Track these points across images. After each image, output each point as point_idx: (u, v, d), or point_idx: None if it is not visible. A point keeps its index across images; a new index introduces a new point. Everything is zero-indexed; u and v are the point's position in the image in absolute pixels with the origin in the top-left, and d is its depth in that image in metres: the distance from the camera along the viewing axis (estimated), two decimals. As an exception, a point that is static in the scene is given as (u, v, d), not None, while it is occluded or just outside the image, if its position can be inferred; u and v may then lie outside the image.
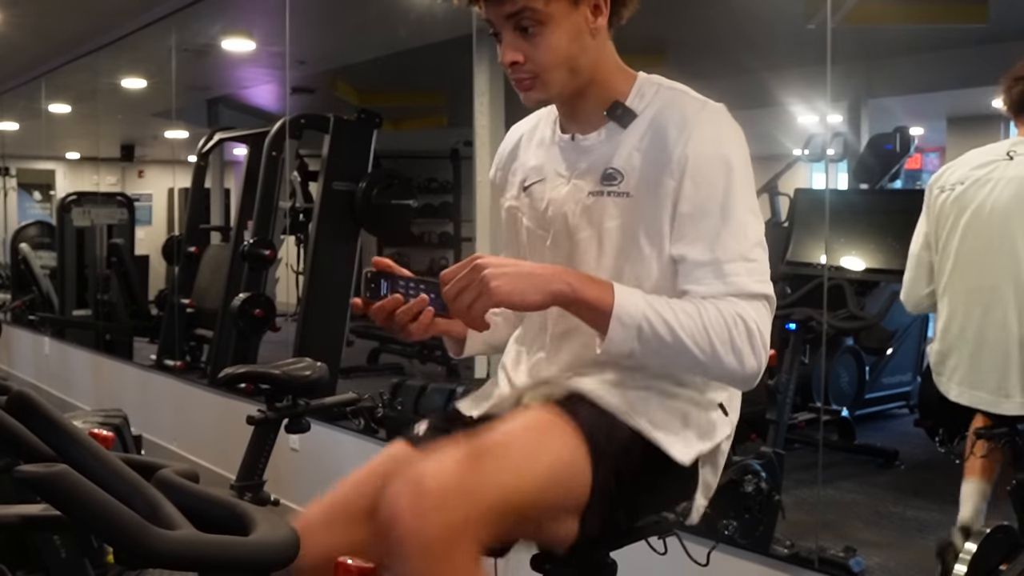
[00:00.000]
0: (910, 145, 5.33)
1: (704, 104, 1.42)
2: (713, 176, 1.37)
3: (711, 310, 1.31)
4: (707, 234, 1.36)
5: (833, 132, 5.55)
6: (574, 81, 1.43)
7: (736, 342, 1.30)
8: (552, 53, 1.39)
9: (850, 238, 3.95)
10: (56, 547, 1.28)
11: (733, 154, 1.39)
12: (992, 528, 2.60)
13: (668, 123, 1.39)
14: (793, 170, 6.29)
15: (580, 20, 1.39)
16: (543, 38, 1.38)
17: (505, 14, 1.38)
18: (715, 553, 1.61)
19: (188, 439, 5.23)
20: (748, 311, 1.32)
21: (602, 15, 1.41)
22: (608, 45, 1.46)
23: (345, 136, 5.07)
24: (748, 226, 1.37)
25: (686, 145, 1.37)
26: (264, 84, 7.41)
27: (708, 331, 1.30)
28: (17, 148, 10.55)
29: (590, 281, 1.32)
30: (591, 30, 1.41)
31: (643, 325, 1.28)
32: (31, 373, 7.78)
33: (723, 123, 1.42)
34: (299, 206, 5.27)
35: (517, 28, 1.38)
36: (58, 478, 0.99)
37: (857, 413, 5.23)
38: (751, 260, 1.36)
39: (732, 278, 1.33)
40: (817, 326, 3.55)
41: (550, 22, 1.37)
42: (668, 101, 1.43)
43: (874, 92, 6.61)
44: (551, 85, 1.42)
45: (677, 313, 1.30)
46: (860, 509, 4.14)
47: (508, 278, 1.27)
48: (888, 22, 5.35)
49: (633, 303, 1.30)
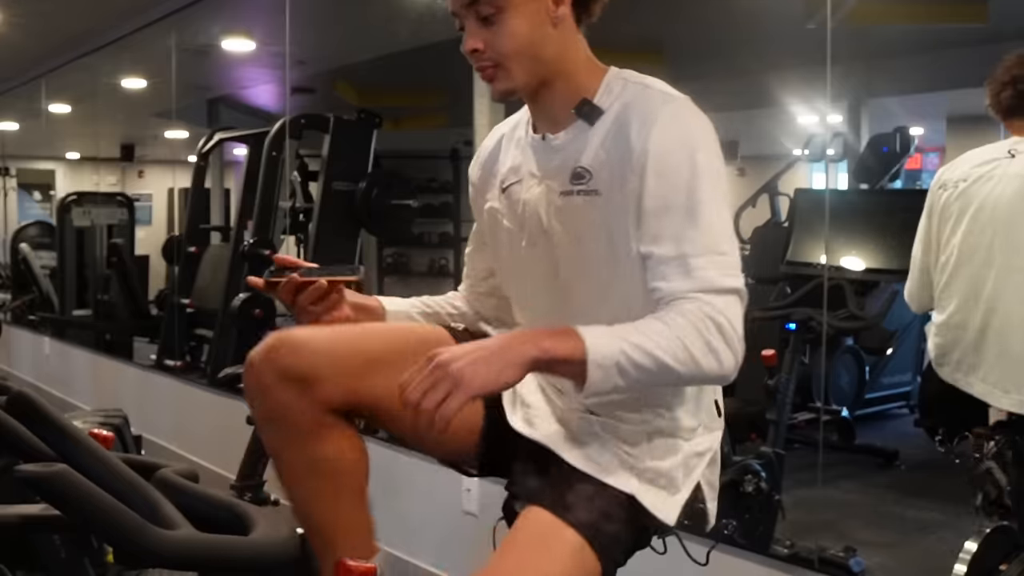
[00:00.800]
0: (910, 145, 5.34)
1: (668, 97, 1.41)
2: (676, 170, 1.35)
3: (679, 321, 1.29)
4: (672, 229, 1.34)
5: (833, 132, 5.56)
6: (537, 71, 1.42)
7: (712, 344, 1.29)
8: (511, 40, 1.39)
9: (850, 238, 3.96)
10: (56, 547, 1.28)
11: (698, 146, 1.37)
12: (992, 528, 2.60)
13: (631, 118, 1.39)
14: (793, 170, 6.30)
15: (540, 8, 1.39)
16: (502, 25, 1.38)
17: (465, 2, 1.39)
18: (715, 553, 1.61)
19: (188, 439, 5.23)
20: (717, 307, 1.30)
21: (563, 4, 1.41)
22: (576, 39, 1.46)
23: (345, 136, 5.07)
24: (715, 219, 1.35)
25: (647, 140, 1.36)
26: (264, 84, 7.40)
27: (683, 343, 1.28)
28: (17, 148, 10.56)
29: (557, 335, 1.28)
30: (552, 19, 1.40)
31: (621, 360, 1.26)
32: (31, 373, 7.77)
33: (688, 115, 1.40)
34: (299, 206, 5.27)
35: (478, 17, 1.39)
36: (57, 478, 0.99)
37: (857, 413, 5.23)
38: (720, 254, 1.34)
39: (699, 273, 1.31)
40: (817, 326, 3.55)
41: (508, 8, 1.38)
42: (633, 96, 1.42)
43: (874, 92, 6.61)
44: (514, 74, 1.41)
45: (650, 335, 1.28)
46: (860, 509, 4.14)
47: (478, 363, 1.24)
48: (888, 22, 5.35)
49: (605, 343, 1.27)
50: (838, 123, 5.93)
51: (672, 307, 1.31)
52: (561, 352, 1.26)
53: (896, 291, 4.37)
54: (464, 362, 1.23)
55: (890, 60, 6.09)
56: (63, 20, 6.12)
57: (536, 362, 1.27)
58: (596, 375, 1.26)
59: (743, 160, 9.87)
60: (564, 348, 1.26)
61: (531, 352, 1.26)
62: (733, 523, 3.11)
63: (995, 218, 2.59)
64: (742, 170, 10.04)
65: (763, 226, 5.74)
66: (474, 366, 1.23)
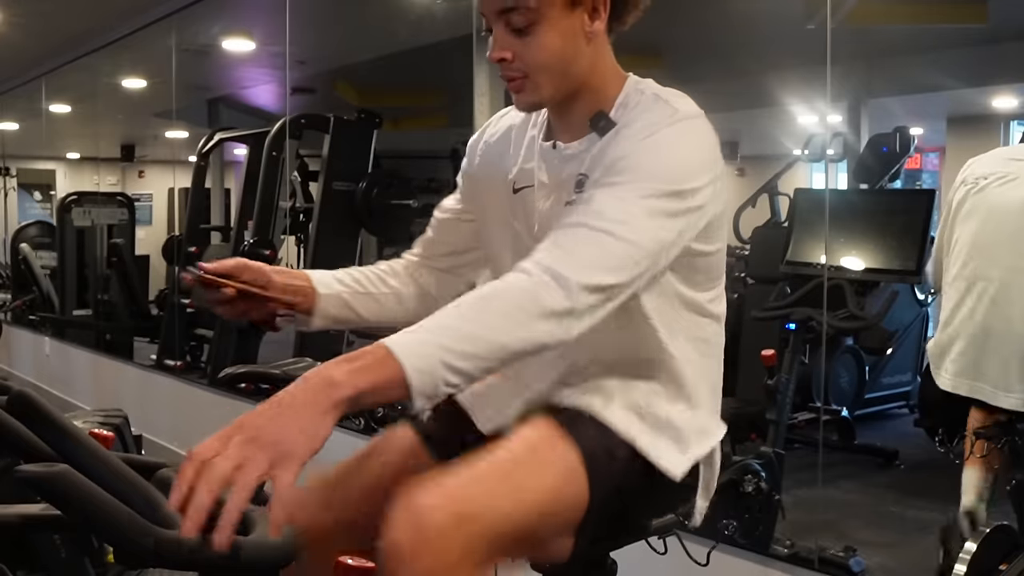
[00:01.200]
0: (910, 145, 5.33)
1: (678, 115, 1.33)
2: (632, 171, 1.27)
3: (504, 283, 1.20)
4: (575, 213, 1.27)
5: (833, 132, 5.55)
6: (566, 85, 1.38)
7: (541, 297, 1.18)
8: (543, 53, 1.34)
9: (850, 238, 3.95)
10: (56, 547, 1.28)
11: (676, 169, 1.28)
12: (992, 528, 2.60)
13: (633, 125, 1.34)
14: (793, 170, 6.29)
15: (576, 23, 1.34)
16: (534, 37, 1.33)
17: (497, 9, 1.34)
18: (715, 553, 1.61)
19: (188, 439, 5.22)
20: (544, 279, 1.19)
21: (600, 19, 1.36)
22: (606, 50, 1.41)
23: (345, 136, 5.08)
24: (619, 215, 1.24)
25: (632, 147, 1.30)
26: (264, 84, 7.41)
27: (508, 306, 1.17)
28: (17, 148, 10.56)
29: (359, 358, 1.12)
30: (587, 34, 1.35)
31: (442, 355, 1.13)
32: (31, 373, 7.77)
33: (688, 139, 1.32)
34: (299, 206, 5.28)
35: (509, 25, 1.34)
36: (58, 478, 0.99)
37: (857, 413, 5.24)
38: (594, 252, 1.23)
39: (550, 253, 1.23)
40: (817, 326, 3.55)
41: (543, 22, 1.32)
42: (645, 108, 1.36)
43: (874, 92, 6.62)
44: (542, 87, 1.36)
45: (465, 315, 1.17)
46: (860, 509, 4.14)
47: (282, 422, 1.06)
48: (888, 22, 5.35)
49: (417, 341, 1.13)
50: (838, 123, 5.93)
51: (506, 278, 1.22)
52: (370, 377, 1.11)
53: (896, 291, 4.37)
54: (267, 427, 1.05)
55: (890, 60, 6.09)
56: (63, 20, 6.12)
57: (349, 400, 1.10)
58: (420, 380, 1.12)
59: (743, 160, 9.88)
60: (372, 373, 1.11)
61: (342, 392, 1.09)
62: (733, 523, 3.11)
63: (1007, 219, 2.60)
64: (742, 170, 10.04)
65: (763, 226, 5.74)
66: (279, 427, 1.05)
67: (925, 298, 5.52)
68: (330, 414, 1.08)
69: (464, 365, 1.14)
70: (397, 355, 1.11)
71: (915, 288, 5.23)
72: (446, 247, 1.63)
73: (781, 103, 6.41)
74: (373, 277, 1.60)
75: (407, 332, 1.15)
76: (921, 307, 5.57)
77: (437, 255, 1.63)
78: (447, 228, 1.63)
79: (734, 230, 5.92)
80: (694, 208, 1.29)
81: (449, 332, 1.15)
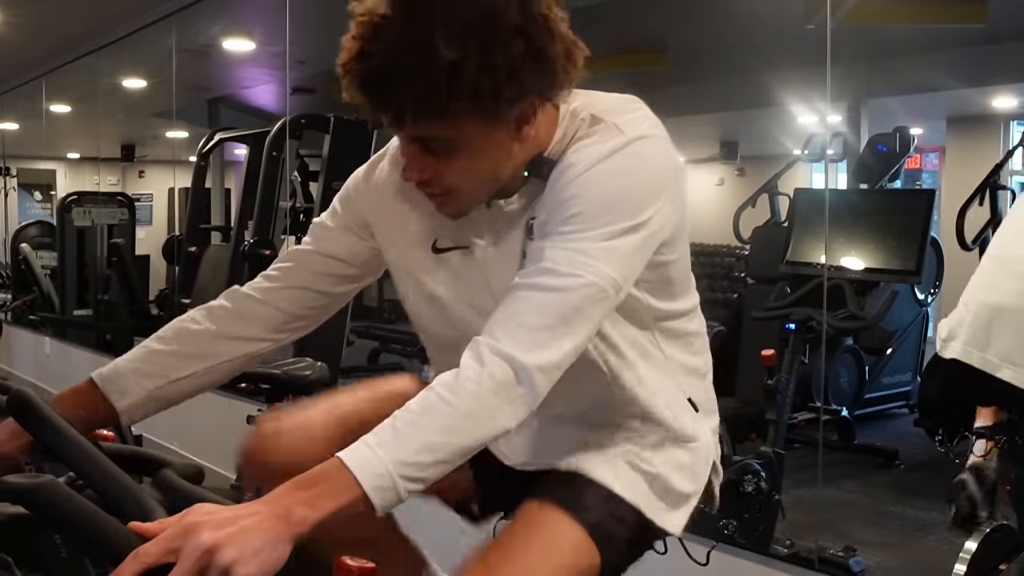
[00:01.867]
0: (909, 145, 5.33)
1: (620, 139, 1.21)
2: (582, 215, 1.18)
3: (459, 380, 1.12)
4: None
5: (833, 132, 5.56)
6: (494, 189, 1.26)
7: (499, 393, 1.12)
8: (464, 175, 1.22)
9: (850, 238, 3.95)
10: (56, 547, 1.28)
11: (629, 201, 1.19)
12: (992, 528, 2.60)
13: (575, 165, 1.21)
14: (793, 170, 6.30)
15: (501, 136, 1.20)
16: (452, 160, 1.21)
17: (408, 136, 1.22)
18: (715, 553, 1.61)
19: (188, 439, 5.22)
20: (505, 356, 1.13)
21: (530, 123, 1.21)
22: (537, 122, 1.24)
23: (345, 136, 5.07)
24: None
25: (579, 187, 1.19)
26: (264, 84, 7.41)
27: (466, 409, 1.11)
28: (18, 148, 10.55)
29: (315, 483, 1.06)
30: (518, 138, 1.22)
31: (401, 470, 1.07)
32: (31, 373, 7.77)
33: (635, 162, 1.21)
34: (299, 206, 5.28)
35: (423, 147, 1.21)
36: (41, 489, 0.99)
37: (857, 413, 5.23)
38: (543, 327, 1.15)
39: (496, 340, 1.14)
40: (817, 326, 3.55)
41: (462, 145, 1.19)
42: (585, 137, 1.24)
43: (874, 92, 6.62)
44: (466, 200, 1.26)
45: (420, 423, 1.10)
46: (860, 509, 4.14)
47: (240, 541, 0.99)
48: (888, 22, 5.35)
49: (369, 458, 1.07)
50: (838, 123, 5.92)
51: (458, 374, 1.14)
52: (330, 501, 1.05)
53: (896, 291, 4.37)
54: (228, 544, 0.98)
55: (890, 60, 6.09)
56: (63, 20, 6.11)
57: (307, 522, 1.04)
58: (382, 497, 1.07)
59: (743, 160, 9.90)
60: (338, 500, 1.05)
61: (303, 526, 1.04)
62: (733, 523, 3.11)
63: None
64: (742, 170, 10.06)
65: (763, 226, 5.74)
66: (241, 545, 0.99)
67: (925, 298, 5.52)
68: (287, 544, 1.03)
69: (424, 474, 1.09)
70: (357, 477, 1.05)
71: (915, 288, 5.23)
72: (331, 268, 1.48)
73: (781, 103, 6.41)
74: (188, 334, 1.44)
75: (362, 447, 1.08)
76: (921, 307, 5.58)
77: (317, 274, 1.48)
78: (328, 246, 1.49)
79: (734, 230, 5.92)
80: (656, 231, 1.22)
81: (406, 443, 1.09)
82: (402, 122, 1.20)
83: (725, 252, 8.06)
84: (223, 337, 1.45)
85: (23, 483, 1.00)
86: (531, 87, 1.17)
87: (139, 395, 1.42)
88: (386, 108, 1.20)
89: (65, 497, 1.00)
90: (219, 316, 1.46)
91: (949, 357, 2.72)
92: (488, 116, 1.17)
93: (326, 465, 1.07)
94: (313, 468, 1.07)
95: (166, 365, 1.43)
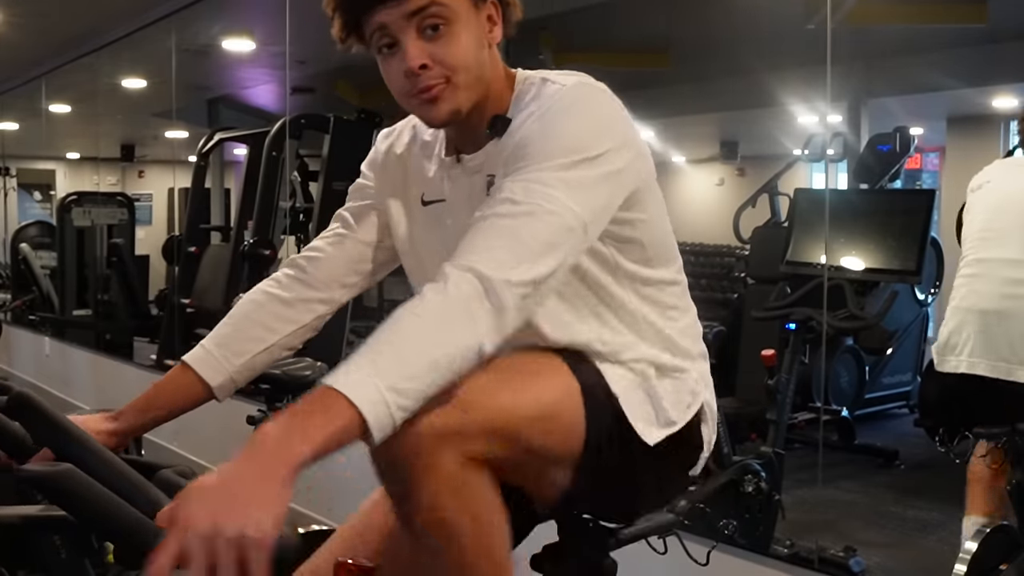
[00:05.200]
0: (910, 145, 5.34)
1: (563, 88, 1.30)
2: (535, 152, 1.23)
3: (428, 296, 1.13)
4: None
5: (833, 132, 5.56)
6: (479, 92, 1.32)
7: (467, 307, 1.13)
8: (462, 51, 1.28)
9: (850, 238, 3.95)
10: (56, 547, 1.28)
11: (579, 136, 1.24)
12: (992, 528, 2.60)
13: (525, 116, 1.30)
14: (793, 170, 6.30)
15: (481, 26, 1.31)
16: (451, 37, 1.27)
17: (408, 11, 1.26)
18: (715, 553, 1.61)
19: (188, 439, 5.22)
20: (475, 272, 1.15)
21: (497, 26, 1.34)
22: (497, 58, 1.37)
23: (345, 136, 5.08)
24: None
25: (529, 130, 1.27)
26: (264, 84, 7.41)
27: (436, 322, 1.12)
28: (17, 148, 10.56)
29: (309, 412, 1.04)
30: (488, 40, 1.33)
31: (390, 385, 1.06)
32: (31, 373, 7.77)
33: (579, 104, 1.28)
34: (299, 206, 5.28)
35: (420, 29, 1.27)
36: (62, 477, 1.00)
37: (857, 413, 5.24)
38: None
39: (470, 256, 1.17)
40: (817, 326, 3.55)
41: (457, 21, 1.28)
42: (535, 96, 1.32)
43: (874, 92, 6.62)
44: (461, 91, 1.30)
45: (395, 339, 1.10)
46: (860, 509, 4.14)
47: (243, 503, 0.97)
48: (888, 22, 5.35)
49: (357, 379, 1.05)
50: (838, 123, 5.93)
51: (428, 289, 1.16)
52: (321, 428, 1.03)
53: (896, 291, 4.38)
54: (231, 512, 0.95)
55: (890, 60, 6.10)
56: (63, 20, 6.12)
57: (309, 463, 1.02)
58: (376, 415, 1.05)
59: (743, 160, 9.90)
60: (334, 424, 1.03)
61: (301, 457, 1.01)
62: (733, 523, 3.11)
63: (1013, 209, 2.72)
64: (742, 170, 10.06)
65: (763, 226, 5.74)
66: (244, 509, 0.96)
67: (925, 298, 5.52)
68: (289, 482, 1.00)
69: (411, 386, 1.08)
70: (348, 396, 1.04)
71: (915, 288, 5.23)
72: (362, 245, 1.55)
73: (781, 103, 6.42)
74: (262, 324, 1.52)
75: (346, 371, 1.06)
76: (921, 307, 5.58)
77: (353, 263, 1.55)
78: (360, 233, 1.55)
79: (734, 230, 5.92)
80: (613, 172, 1.25)
81: (387, 359, 1.08)
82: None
83: (725, 252, 8.06)
84: (293, 304, 1.53)
85: (43, 470, 1.01)
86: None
87: (227, 373, 1.52)
88: None
89: (85, 485, 1.00)
90: (285, 284, 1.54)
91: (953, 371, 2.74)
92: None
93: (314, 394, 1.05)
94: (304, 398, 1.06)
95: (250, 337, 1.53)
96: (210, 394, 1.52)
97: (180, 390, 1.52)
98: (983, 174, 2.94)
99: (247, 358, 1.52)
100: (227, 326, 1.53)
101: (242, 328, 1.53)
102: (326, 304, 1.54)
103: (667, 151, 10.25)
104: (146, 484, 1.13)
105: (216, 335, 1.52)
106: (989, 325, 2.70)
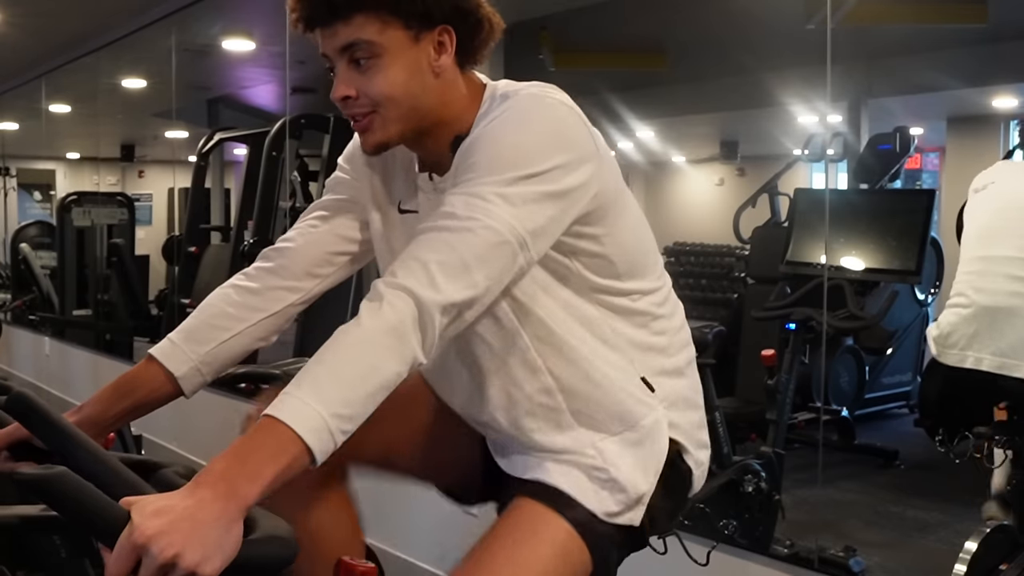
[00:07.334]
0: (910, 145, 5.34)
1: (516, 100, 1.29)
2: (478, 166, 1.22)
3: (370, 316, 1.14)
4: None
5: (833, 132, 5.56)
6: (415, 121, 1.33)
7: (406, 330, 1.14)
8: (387, 86, 1.29)
9: (850, 238, 3.95)
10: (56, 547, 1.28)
11: (523, 151, 1.23)
12: (992, 528, 2.60)
13: (478, 131, 1.30)
14: (793, 170, 6.30)
15: (421, 58, 1.30)
16: (379, 70, 1.28)
17: (338, 46, 1.29)
18: (715, 553, 1.61)
19: (188, 439, 5.23)
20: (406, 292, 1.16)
21: (446, 54, 1.32)
22: (457, 83, 1.35)
23: (345, 136, 5.07)
24: None
25: (476, 144, 1.26)
26: (264, 84, 7.41)
27: (375, 341, 1.13)
28: (17, 148, 10.56)
29: (255, 448, 1.06)
30: (433, 69, 1.31)
31: (333, 412, 1.08)
32: (31, 373, 7.77)
33: (529, 115, 1.27)
34: (299, 206, 5.27)
35: (351, 61, 1.29)
36: (56, 480, 0.99)
37: (857, 413, 5.23)
38: None
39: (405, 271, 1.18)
40: (817, 326, 3.55)
41: (385, 55, 1.28)
42: (492, 111, 1.32)
43: (874, 92, 6.62)
44: (389, 123, 1.31)
45: (344, 361, 1.12)
46: (860, 509, 4.14)
47: (196, 539, 0.98)
48: (888, 22, 5.35)
49: (300, 409, 1.07)
50: (838, 123, 5.93)
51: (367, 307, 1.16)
52: (282, 464, 1.05)
53: (896, 291, 4.38)
54: (192, 545, 0.97)
55: (890, 60, 6.09)
56: (63, 20, 6.12)
57: (261, 497, 1.04)
58: (318, 441, 1.07)
59: (743, 160, 9.89)
60: (281, 459, 1.05)
61: (251, 498, 1.03)
62: (733, 523, 3.11)
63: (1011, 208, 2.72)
64: (742, 170, 10.05)
65: (763, 226, 5.74)
66: (197, 544, 0.97)
67: (925, 298, 5.52)
68: (240, 520, 1.02)
69: (350, 411, 1.09)
70: (294, 428, 1.05)
71: (915, 288, 5.23)
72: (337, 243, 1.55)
73: (781, 103, 6.41)
74: (226, 314, 1.51)
75: (290, 398, 1.08)
76: (921, 307, 5.58)
77: (326, 254, 1.54)
78: (336, 224, 1.55)
79: (734, 230, 5.92)
80: (561, 191, 1.23)
81: (328, 386, 1.10)
82: (336, 15, 1.27)
83: (725, 252, 8.07)
84: (261, 293, 1.52)
85: (37, 474, 1.00)
86: (451, 16, 1.30)
87: (191, 363, 1.48)
88: None
89: (78, 488, 1.00)
90: (253, 275, 1.54)
91: (955, 365, 2.74)
92: (412, 25, 1.28)
93: (258, 426, 1.07)
94: (246, 432, 1.08)
95: (214, 326, 1.50)
96: (176, 387, 1.49)
97: (145, 383, 1.49)
98: (987, 174, 2.94)
99: (211, 347, 1.49)
100: (193, 318, 1.52)
101: (207, 318, 1.51)
102: (295, 293, 1.52)
103: (667, 151, 10.24)
104: (144, 486, 1.13)
105: (182, 327, 1.51)
106: (994, 321, 2.70)
